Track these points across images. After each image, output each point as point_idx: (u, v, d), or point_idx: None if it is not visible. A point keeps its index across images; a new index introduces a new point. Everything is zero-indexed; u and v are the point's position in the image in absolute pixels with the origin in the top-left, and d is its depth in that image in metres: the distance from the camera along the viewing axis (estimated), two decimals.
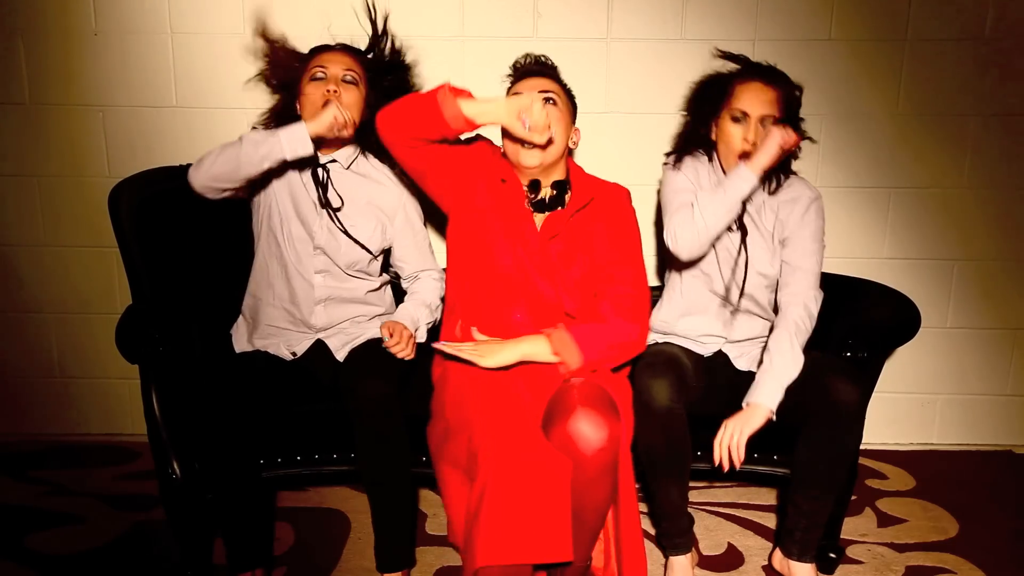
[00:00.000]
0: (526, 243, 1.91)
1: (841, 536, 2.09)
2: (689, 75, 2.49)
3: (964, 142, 2.55)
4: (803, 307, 1.94)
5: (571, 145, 1.97)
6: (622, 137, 2.55)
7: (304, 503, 2.36)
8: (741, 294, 2.04)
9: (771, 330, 1.97)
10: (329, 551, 2.13)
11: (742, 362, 2.09)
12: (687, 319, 2.11)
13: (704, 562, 2.08)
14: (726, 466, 1.84)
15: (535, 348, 1.82)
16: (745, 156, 1.95)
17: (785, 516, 1.96)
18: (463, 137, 1.95)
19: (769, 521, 2.28)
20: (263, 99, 2.52)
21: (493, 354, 1.82)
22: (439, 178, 1.96)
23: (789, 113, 2.00)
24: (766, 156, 1.90)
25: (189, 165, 2.32)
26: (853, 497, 2.20)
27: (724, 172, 2.04)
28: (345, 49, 2.14)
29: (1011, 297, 2.65)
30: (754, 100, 1.96)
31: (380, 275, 2.21)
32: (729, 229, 2.02)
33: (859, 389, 1.83)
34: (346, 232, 2.07)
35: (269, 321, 2.11)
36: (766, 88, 1.97)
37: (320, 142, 2.00)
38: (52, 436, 2.75)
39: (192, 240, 2.16)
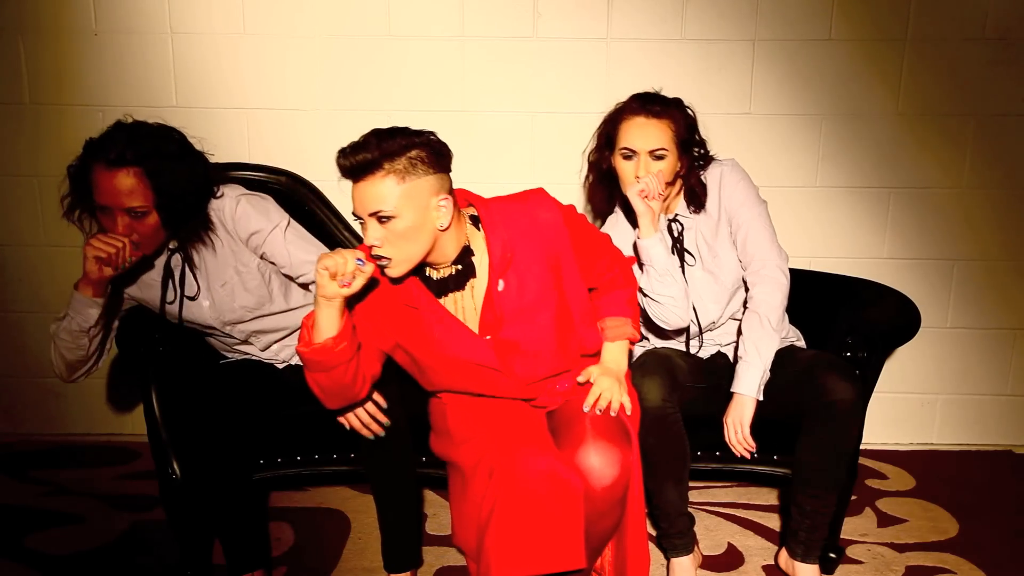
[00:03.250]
0: (473, 350, 1.70)
1: (841, 536, 2.08)
2: (689, 75, 2.50)
3: (964, 142, 2.54)
4: (768, 280, 1.95)
5: (437, 227, 1.60)
6: None
7: (304, 503, 2.36)
8: (700, 331, 2.06)
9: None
10: (329, 551, 2.13)
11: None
12: (667, 342, 2.13)
13: (704, 562, 2.08)
14: (747, 456, 1.95)
15: (624, 356, 1.84)
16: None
17: (789, 517, 1.96)
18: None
19: (769, 521, 2.28)
20: (263, 99, 2.53)
21: (622, 385, 1.76)
22: (388, 349, 1.77)
23: (685, 137, 1.96)
24: (644, 217, 1.90)
25: None
26: (853, 497, 2.20)
27: (628, 211, 2.03)
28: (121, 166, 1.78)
29: (1011, 297, 2.65)
30: (639, 136, 1.93)
31: (302, 288, 2.09)
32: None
33: (855, 386, 1.83)
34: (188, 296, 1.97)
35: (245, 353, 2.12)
36: (649, 121, 1.93)
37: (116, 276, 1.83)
38: (52, 436, 2.75)
39: None
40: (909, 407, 2.73)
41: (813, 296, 2.23)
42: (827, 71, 2.50)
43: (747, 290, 2.00)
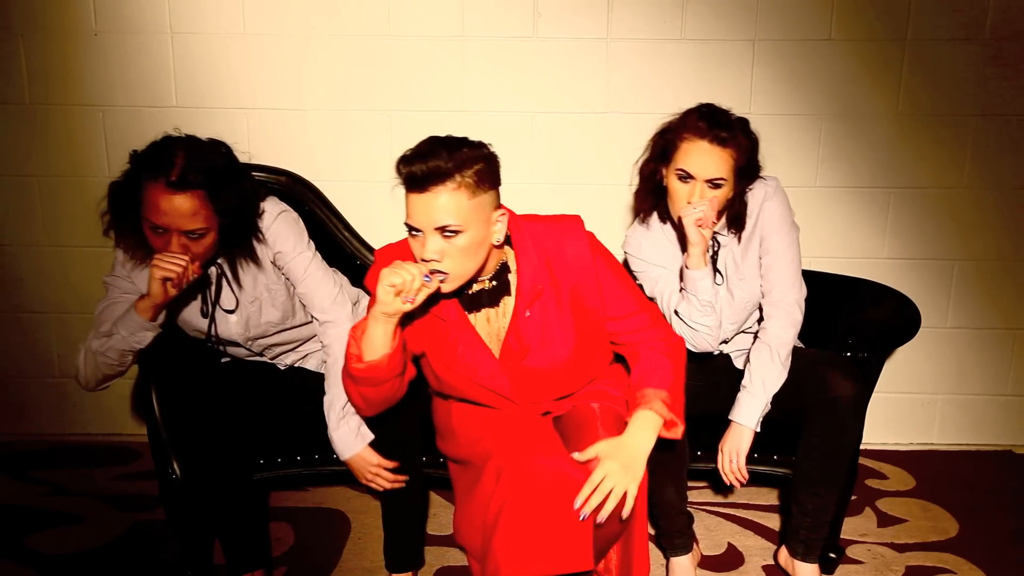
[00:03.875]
0: (490, 377, 1.68)
1: (841, 536, 2.09)
2: (689, 75, 2.50)
3: (964, 142, 2.54)
4: (784, 315, 1.93)
5: (493, 242, 1.58)
6: (622, 137, 2.54)
7: (304, 503, 2.36)
8: (725, 341, 2.06)
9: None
10: (329, 551, 2.13)
11: (742, 361, 2.09)
12: None
13: (704, 562, 2.08)
14: (737, 486, 1.93)
15: (650, 423, 1.60)
16: None
17: (789, 515, 1.96)
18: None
19: (769, 521, 2.28)
20: (263, 99, 2.53)
21: (630, 472, 1.53)
22: (416, 352, 1.73)
23: (744, 165, 1.88)
24: (694, 246, 1.85)
25: None
26: (853, 497, 2.20)
27: (675, 227, 1.99)
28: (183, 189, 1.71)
29: (1011, 297, 2.65)
30: (700, 163, 1.85)
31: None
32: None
33: (857, 384, 1.84)
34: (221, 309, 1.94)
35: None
36: (713, 149, 1.84)
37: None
38: (52, 436, 2.75)
39: None
40: (909, 407, 2.73)
41: (813, 296, 2.21)
42: (827, 71, 2.50)
43: (761, 318, 1.98)
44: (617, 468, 1.52)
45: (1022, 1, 2.45)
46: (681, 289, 1.94)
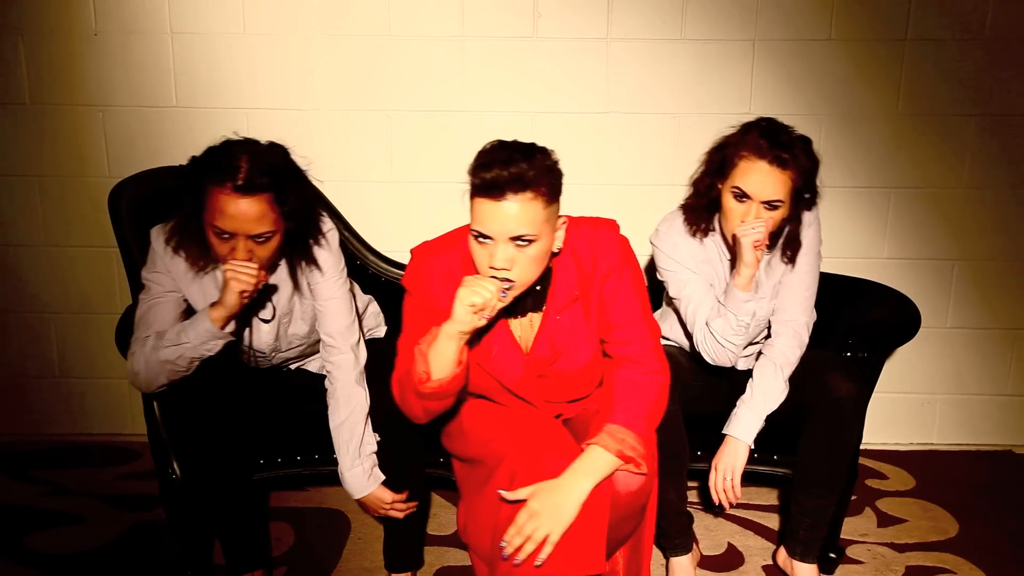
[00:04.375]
0: (517, 381, 1.67)
1: (841, 536, 2.09)
2: (689, 75, 2.51)
3: (964, 142, 2.55)
4: (792, 335, 1.92)
5: (554, 250, 1.57)
6: (622, 137, 2.55)
7: (304, 503, 2.36)
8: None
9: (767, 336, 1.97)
10: (329, 551, 2.13)
11: (742, 362, 2.09)
12: (670, 342, 2.13)
13: (704, 562, 2.08)
14: (727, 507, 1.90)
15: (596, 467, 1.51)
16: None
17: (789, 515, 1.96)
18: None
19: (769, 521, 2.28)
20: (263, 99, 2.53)
21: (553, 518, 1.46)
22: None
23: (802, 186, 1.82)
24: (747, 267, 1.81)
25: None
26: (853, 497, 2.20)
27: (725, 242, 1.94)
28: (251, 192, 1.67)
29: (1010, 297, 2.65)
30: (758, 184, 1.78)
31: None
32: None
33: (858, 385, 1.84)
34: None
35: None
36: (773, 170, 1.77)
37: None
38: (52, 436, 2.75)
39: None
40: (909, 407, 2.74)
41: None
42: (827, 71, 2.50)
43: (768, 335, 1.97)
44: (542, 512, 1.46)
45: (1022, 1, 2.45)
46: (719, 303, 1.89)
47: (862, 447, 1.99)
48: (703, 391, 2.01)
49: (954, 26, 2.46)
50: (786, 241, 1.92)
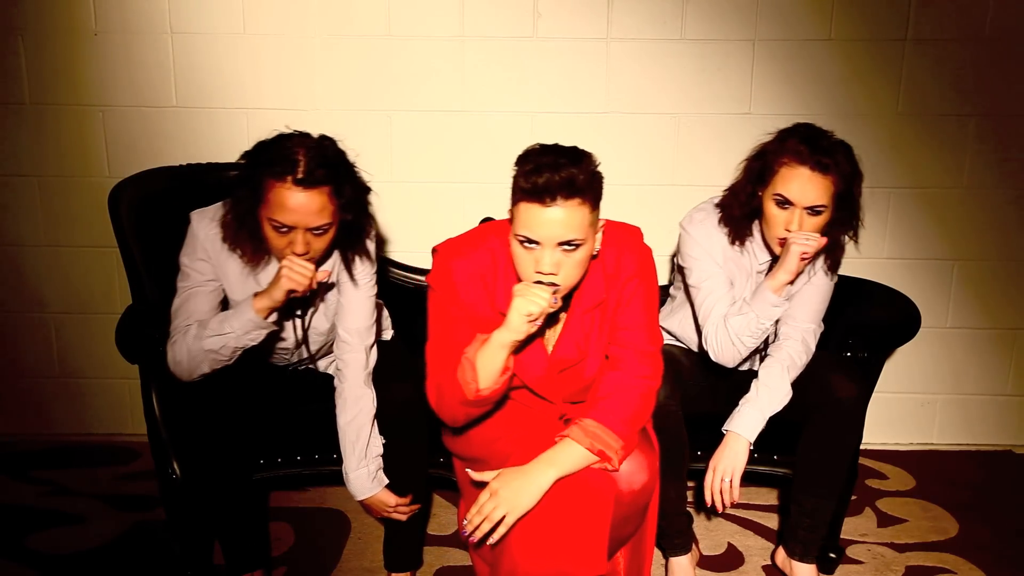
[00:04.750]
0: (539, 381, 1.68)
1: (841, 536, 2.09)
2: (689, 75, 2.50)
3: (964, 142, 2.54)
4: (801, 341, 1.91)
5: (593, 253, 1.58)
6: (622, 137, 2.55)
7: (304, 503, 2.36)
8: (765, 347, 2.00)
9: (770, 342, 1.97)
10: (329, 551, 2.13)
11: (743, 364, 2.09)
12: (673, 341, 2.12)
13: (704, 562, 2.08)
14: (720, 508, 1.87)
15: (565, 459, 1.52)
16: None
17: (788, 515, 1.96)
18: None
19: (769, 521, 2.28)
20: (263, 99, 2.53)
21: (512, 502, 1.49)
22: None
23: (844, 190, 1.80)
24: (786, 274, 1.79)
25: (189, 165, 2.32)
26: (853, 497, 2.20)
27: (768, 248, 1.92)
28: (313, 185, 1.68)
29: (1010, 297, 2.65)
30: (800, 190, 1.77)
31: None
32: None
33: (859, 386, 1.84)
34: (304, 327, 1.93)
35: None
36: (815, 176, 1.76)
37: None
38: (53, 436, 2.75)
39: None
40: (909, 407, 2.74)
41: None
42: (827, 71, 2.50)
43: (775, 339, 1.96)
44: (501, 494, 1.49)
45: (1022, 1, 2.45)
46: (743, 301, 1.88)
47: (862, 447, 1.99)
48: (703, 391, 2.01)
49: (954, 26, 2.46)
50: (828, 248, 1.88)
